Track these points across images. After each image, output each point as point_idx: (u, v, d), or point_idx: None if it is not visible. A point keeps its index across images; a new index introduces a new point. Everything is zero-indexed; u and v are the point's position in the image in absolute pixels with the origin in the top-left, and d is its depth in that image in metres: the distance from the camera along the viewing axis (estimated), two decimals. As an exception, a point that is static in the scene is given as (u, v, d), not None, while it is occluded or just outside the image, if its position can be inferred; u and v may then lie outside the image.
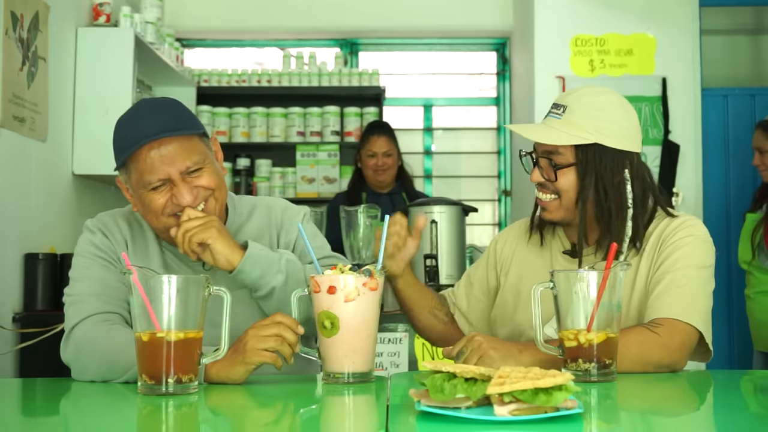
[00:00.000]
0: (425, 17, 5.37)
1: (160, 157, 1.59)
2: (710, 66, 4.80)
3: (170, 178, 1.60)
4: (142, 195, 1.63)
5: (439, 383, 1.09)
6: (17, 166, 3.30)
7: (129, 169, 1.63)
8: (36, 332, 3.06)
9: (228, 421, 1.22)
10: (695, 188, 4.49)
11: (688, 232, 1.70)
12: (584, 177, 1.68)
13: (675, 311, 1.60)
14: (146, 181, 1.60)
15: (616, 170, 1.68)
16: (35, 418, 1.33)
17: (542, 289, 1.46)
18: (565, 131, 1.68)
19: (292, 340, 1.45)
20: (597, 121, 1.68)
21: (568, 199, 1.70)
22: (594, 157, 1.67)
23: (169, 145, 1.60)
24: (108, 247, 1.71)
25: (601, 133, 1.67)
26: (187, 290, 1.36)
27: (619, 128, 1.70)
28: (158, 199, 1.61)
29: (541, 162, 1.72)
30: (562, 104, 1.71)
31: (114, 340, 1.56)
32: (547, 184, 1.71)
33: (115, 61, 3.86)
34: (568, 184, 1.69)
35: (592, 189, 1.68)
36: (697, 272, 1.66)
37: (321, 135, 5.19)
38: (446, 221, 3.25)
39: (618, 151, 1.69)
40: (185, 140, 1.62)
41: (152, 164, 1.59)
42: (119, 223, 1.75)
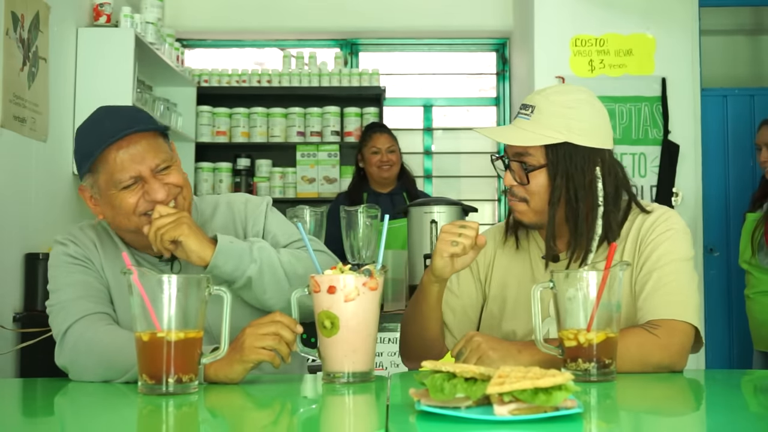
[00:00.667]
0: (425, 17, 5.38)
1: (130, 156, 1.60)
2: (710, 66, 4.80)
3: (141, 175, 1.61)
4: (112, 196, 1.62)
5: (439, 383, 1.09)
6: (18, 166, 3.30)
7: (97, 171, 1.62)
8: (36, 332, 3.06)
9: (228, 421, 1.22)
10: (695, 188, 4.49)
11: (666, 226, 1.68)
12: (555, 178, 1.65)
13: (670, 311, 1.59)
14: (117, 181, 1.60)
15: (587, 169, 1.65)
16: (35, 418, 1.33)
17: (542, 289, 1.46)
18: (534, 131, 1.65)
19: (290, 339, 1.45)
20: (566, 119, 1.65)
21: (539, 201, 1.67)
22: (565, 157, 1.64)
23: (137, 143, 1.61)
24: (81, 254, 1.71)
25: (571, 131, 1.64)
26: (188, 290, 1.36)
27: (589, 126, 1.67)
28: (129, 199, 1.61)
29: (513, 165, 1.69)
30: (531, 104, 1.68)
31: (112, 340, 1.56)
32: (518, 187, 1.68)
33: (116, 61, 3.86)
34: (540, 186, 1.66)
35: (564, 190, 1.65)
36: (682, 266, 1.65)
37: (321, 135, 5.19)
38: (446, 221, 3.24)
39: (589, 149, 1.65)
40: (152, 138, 1.64)
41: (122, 163, 1.59)
42: (87, 232, 1.76)
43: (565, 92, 1.71)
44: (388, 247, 3.24)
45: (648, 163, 4.46)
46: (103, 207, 1.67)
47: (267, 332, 1.45)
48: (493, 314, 1.81)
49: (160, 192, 1.61)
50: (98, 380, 1.55)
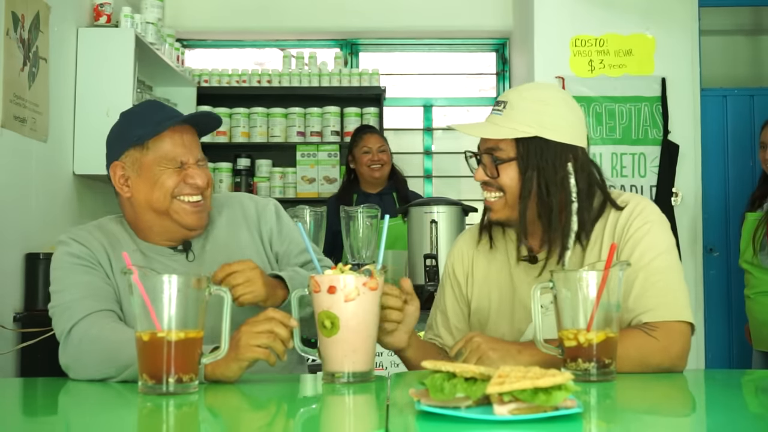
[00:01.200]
0: (425, 17, 5.38)
1: (183, 142, 1.74)
2: (709, 66, 4.80)
3: (187, 162, 1.74)
4: (155, 174, 1.72)
5: (439, 383, 1.10)
6: (18, 166, 3.30)
7: (146, 148, 1.73)
8: (36, 332, 3.06)
9: (228, 421, 1.22)
10: (694, 188, 4.49)
11: (642, 219, 1.65)
12: (526, 171, 1.64)
13: (665, 312, 1.58)
14: (167, 160, 1.72)
15: (558, 164, 1.64)
16: (35, 417, 1.33)
17: (542, 289, 1.46)
18: (506, 126, 1.65)
19: (284, 336, 1.46)
20: (538, 114, 1.65)
21: (512, 195, 1.66)
22: (535, 151, 1.64)
23: (190, 134, 1.77)
24: (86, 254, 1.73)
25: (543, 126, 1.64)
26: (188, 290, 1.36)
27: (562, 122, 1.66)
28: (170, 180, 1.72)
29: (484, 159, 1.69)
30: (503, 100, 1.69)
31: (116, 336, 1.57)
32: (490, 182, 1.68)
33: (116, 61, 3.86)
34: (511, 180, 1.66)
35: (535, 183, 1.64)
36: (666, 259, 1.63)
37: (321, 135, 5.19)
38: (446, 221, 3.25)
39: (560, 145, 1.65)
40: (195, 135, 1.79)
41: (176, 146, 1.73)
42: (93, 232, 1.79)
43: (538, 88, 1.72)
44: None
45: (648, 163, 4.46)
46: (137, 185, 1.75)
47: (262, 330, 1.45)
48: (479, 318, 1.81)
49: (201, 178, 1.74)
50: (99, 377, 1.55)
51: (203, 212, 1.77)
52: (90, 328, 1.60)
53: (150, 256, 1.77)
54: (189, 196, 1.73)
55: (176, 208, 1.73)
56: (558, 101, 1.68)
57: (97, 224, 1.83)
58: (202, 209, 1.77)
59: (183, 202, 1.73)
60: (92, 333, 1.60)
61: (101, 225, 1.82)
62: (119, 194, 1.78)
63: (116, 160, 1.76)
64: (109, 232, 1.80)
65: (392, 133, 5.62)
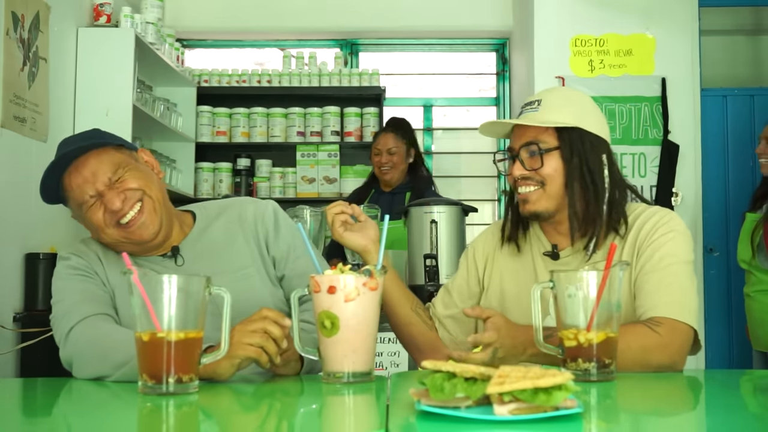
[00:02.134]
0: (425, 17, 5.38)
1: (82, 178, 1.67)
2: (709, 66, 4.80)
3: (99, 192, 1.67)
4: (83, 219, 1.71)
5: (439, 383, 1.09)
6: (18, 166, 3.30)
7: (66, 200, 1.72)
8: (36, 332, 3.07)
9: (228, 421, 1.22)
10: (695, 188, 4.49)
11: (668, 227, 1.69)
12: (571, 158, 1.69)
13: (672, 310, 1.60)
14: (81, 202, 1.68)
15: (596, 154, 1.70)
16: (35, 417, 1.33)
17: (542, 289, 1.46)
18: (546, 118, 1.70)
19: (277, 335, 1.45)
20: (574, 107, 1.72)
21: (554, 185, 1.70)
22: (577, 140, 1.69)
23: (85, 166, 1.68)
24: (84, 265, 1.74)
25: (580, 118, 1.71)
26: (188, 290, 1.36)
27: (595, 116, 1.74)
28: (95, 216, 1.68)
29: (522, 154, 1.72)
30: (536, 99, 1.75)
31: (110, 335, 1.58)
32: (530, 175, 1.71)
33: (116, 61, 3.87)
34: (554, 170, 1.70)
35: (578, 171, 1.69)
36: (683, 268, 1.67)
37: (321, 135, 5.19)
38: (446, 221, 3.25)
39: (596, 137, 1.72)
40: (99, 155, 1.69)
41: (78, 187, 1.67)
42: (90, 244, 1.79)
43: (566, 89, 1.83)
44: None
45: (648, 163, 4.46)
46: (88, 227, 1.74)
47: (254, 329, 1.45)
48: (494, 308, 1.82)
49: (116, 201, 1.66)
50: (95, 375, 1.56)
51: (147, 219, 1.70)
52: (86, 330, 1.61)
53: (141, 264, 1.75)
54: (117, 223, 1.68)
55: (119, 236, 1.70)
56: (588, 100, 1.77)
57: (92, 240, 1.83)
58: (144, 218, 1.70)
59: (120, 226, 1.68)
60: (88, 334, 1.61)
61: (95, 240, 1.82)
62: None
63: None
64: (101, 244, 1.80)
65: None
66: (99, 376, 1.56)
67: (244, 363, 1.46)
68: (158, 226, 1.73)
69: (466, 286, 1.89)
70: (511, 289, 1.81)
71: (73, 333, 1.62)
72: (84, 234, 1.83)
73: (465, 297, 1.89)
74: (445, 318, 1.88)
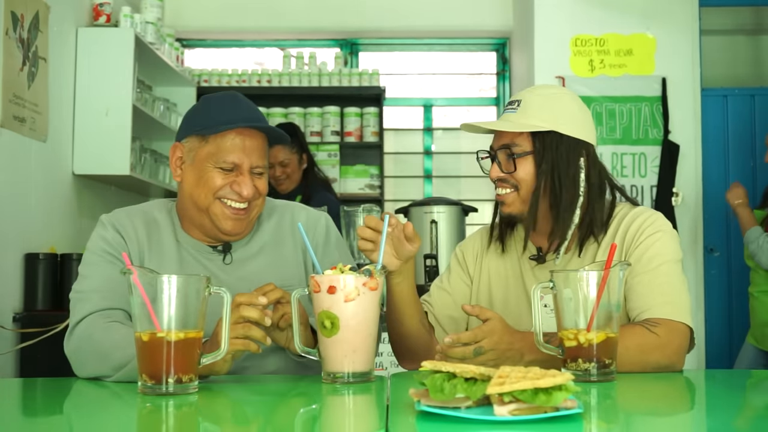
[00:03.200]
0: (425, 17, 5.38)
1: (243, 145, 1.68)
2: (710, 66, 4.80)
3: (240, 166, 1.68)
4: (204, 169, 1.68)
5: (439, 383, 1.09)
6: (17, 166, 3.30)
7: (206, 141, 1.69)
8: (36, 332, 3.06)
9: (228, 421, 1.22)
10: (695, 188, 4.49)
11: (655, 227, 1.69)
12: (541, 164, 1.68)
13: (668, 311, 1.60)
14: (220, 159, 1.67)
15: (572, 158, 1.69)
16: (35, 417, 1.33)
17: (542, 289, 1.46)
18: (522, 122, 1.70)
19: (256, 316, 1.46)
20: (552, 110, 1.70)
21: (526, 189, 1.70)
22: (551, 145, 1.69)
23: (255, 139, 1.70)
24: (118, 243, 1.72)
25: (557, 121, 1.69)
26: (188, 290, 1.36)
27: (575, 118, 1.72)
28: (217, 180, 1.68)
29: (499, 156, 1.73)
30: (517, 99, 1.74)
31: (109, 337, 1.57)
32: (506, 177, 1.72)
33: (116, 61, 3.86)
34: (527, 174, 1.70)
35: (548, 177, 1.68)
36: (673, 267, 1.67)
37: (321, 135, 5.19)
38: (446, 221, 3.25)
39: (574, 140, 1.70)
40: (264, 142, 1.73)
41: (234, 147, 1.67)
42: (135, 222, 1.76)
43: (550, 88, 1.79)
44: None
45: (648, 163, 4.46)
46: (188, 173, 1.71)
47: (233, 321, 1.45)
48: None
49: (247, 188, 1.68)
50: (94, 375, 1.56)
51: (244, 221, 1.71)
52: (87, 328, 1.61)
53: (185, 250, 1.75)
54: (233, 201, 1.69)
55: (216, 210, 1.69)
56: (570, 99, 1.74)
57: (142, 208, 1.81)
58: (244, 218, 1.71)
59: (225, 205, 1.69)
60: (88, 333, 1.60)
61: (146, 210, 1.80)
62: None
63: (178, 142, 1.74)
64: (151, 219, 1.77)
65: (392, 133, 5.63)
66: (98, 376, 1.56)
67: (237, 355, 1.47)
68: (248, 230, 1.75)
69: (465, 286, 1.88)
70: (498, 294, 1.82)
71: (78, 328, 1.62)
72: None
73: (466, 298, 1.87)
74: (444, 317, 1.86)
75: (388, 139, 5.47)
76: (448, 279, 1.90)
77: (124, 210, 1.80)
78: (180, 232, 1.77)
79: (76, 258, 3.40)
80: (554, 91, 1.75)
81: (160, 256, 1.72)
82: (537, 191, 1.69)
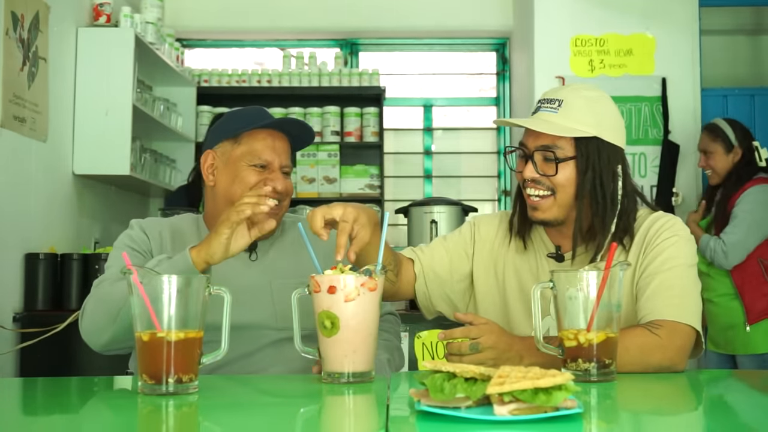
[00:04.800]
0: (425, 17, 5.37)
1: (273, 145, 1.85)
2: (710, 66, 4.80)
3: (272, 165, 1.83)
4: (239, 168, 1.82)
5: (439, 383, 1.09)
6: (18, 166, 3.30)
7: (238, 142, 1.84)
8: (36, 332, 3.06)
9: (228, 421, 1.22)
10: (695, 188, 4.49)
11: (672, 232, 1.69)
12: (585, 171, 1.65)
13: (673, 312, 1.59)
14: (254, 157, 1.82)
15: (612, 166, 1.67)
16: (35, 417, 1.33)
17: (542, 289, 1.45)
18: (565, 124, 1.66)
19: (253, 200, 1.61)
20: (595, 114, 1.67)
21: (564, 195, 1.67)
22: (594, 151, 1.65)
23: (283, 140, 1.88)
24: (143, 241, 1.82)
25: (601, 126, 1.66)
26: (188, 290, 1.36)
27: (615, 123, 1.70)
28: (252, 177, 1.81)
29: (536, 157, 1.67)
30: (557, 98, 1.69)
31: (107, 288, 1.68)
32: (541, 180, 1.67)
33: (116, 61, 3.86)
34: (566, 179, 1.66)
35: (590, 184, 1.66)
36: (686, 271, 1.66)
37: (321, 135, 5.19)
38: (446, 221, 3.25)
39: (614, 147, 1.68)
40: (289, 146, 1.90)
41: (265, 147, 1.83)
42: (162, 226, 1.87)
43: (590, 89, 1.74)
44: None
45: (648, 163, 4.46)
46: (222, 176, 1.85)
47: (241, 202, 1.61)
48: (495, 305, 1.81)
49: (281, 183, 1.82)
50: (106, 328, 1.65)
51: (277, 217, 1.81)
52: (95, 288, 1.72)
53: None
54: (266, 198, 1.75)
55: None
56: (611, 104, 1.72)
57: (171, 220, 1.93)
58: (276, 215, 1.80)
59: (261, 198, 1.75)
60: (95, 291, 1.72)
61: (174, 222, 1.91)
62: (206, 185, 1.89)
63: (210, 149, 1.87)
64: (177, 227, 1.88)
65: (392, 133, 5.63)
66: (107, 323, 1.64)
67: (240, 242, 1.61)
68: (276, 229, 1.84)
69: (464, 256, 1.84)
70: (512, 285, 1.80)
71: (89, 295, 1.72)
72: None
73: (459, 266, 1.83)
74: (431, 273, 1.82)
75: (388, 139, 5.47)
76: (453, 240, 1.86)
77: (155, 218, 1.93)
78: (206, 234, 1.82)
79: (76, 258, 3.40)
80: (596, 94, 1.71)
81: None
82: (580, 198, 1.66)
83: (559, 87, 1.74)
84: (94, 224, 3.96)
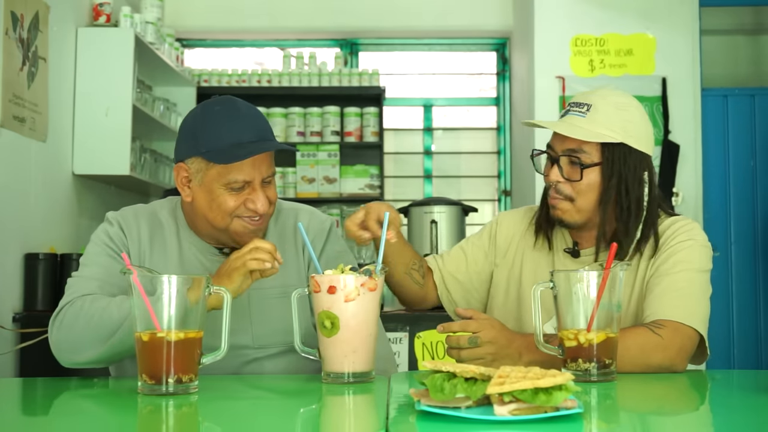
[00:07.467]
0: (425, 17, 5.37)
1: (252, 162, 1.61)
2: (710, 66, 4.80)
3: (252, 182, 1.63)
4: (215, 191, 1.62)
5: (439, 383, 1.09)
6: (17, 166, 3.30)
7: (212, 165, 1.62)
8: (36, 332, 3.06)
9: (228, 421, 1.22)
10: (695, 188, 4.49)
11: (688, 236, 1.69)
12: (610, 177, 1.66)
13: (677, 313, 1.59)
14: (230, 180, 1.61)
15: (638, 172, 1.67)
16: (35, 417, 1.33)
17: (542, 289, 1.45)
18: (592, 129, 1.66)
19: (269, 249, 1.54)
20: (623, 121, 1.67)
21: (585, 200, 1.68)
22: (620, 157, 1.66)
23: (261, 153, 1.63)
24: (120, 240, 1.72)
25: (627, 133, 1.67)
26: (188, 290, 1.35)
27: (642, 130, 1.70)
28: (231, 201, 1.63)
29: (562, 161, 1.69)
30: (586, 103, 1.70)
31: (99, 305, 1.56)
32: (560, 188, 1.69)
33: (115, 61, 3.86)
34: (590, 185, 1.67)
35: (615, 191, 1.67)
36: (697, 276, 1.67)
37: (321, 135, 5.19)
38: (446, 221, 3.25)
39: (640, 154, 1.68)
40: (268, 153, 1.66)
41: (242, 166, 1.60)
42: (140, 221, 1.75)
43: (618, 95, 1.73)
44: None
45: (648, 163, 4.46)
46: (197, 193, 1.65)
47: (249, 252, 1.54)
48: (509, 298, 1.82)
49: (261, 203, 1.63)
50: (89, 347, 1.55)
51: (261, 229, 1.70)
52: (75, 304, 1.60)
53: (189, 251, 1.74)
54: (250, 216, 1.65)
55: (236, 228, 1.65)
56: (638, 109, 1.71)
57: (150, 208, 1.78)
58: (262, 227, 1.69)
59: (242, 219, 1.65)
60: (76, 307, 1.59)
61: (152, 211, 1.77)
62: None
63: (182, 162, 1.66)
64: (156, 220, 1.76)
65: (392, 133, 5.63)
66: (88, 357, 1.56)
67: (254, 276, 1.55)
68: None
69: (482, 257, 1.87)
70: (529, 281, 1.80)
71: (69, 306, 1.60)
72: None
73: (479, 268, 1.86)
74: (451, 279, 1.86)
75: (388, 139, 5.47)
76: (472, 244, 1.89)
77: (132, 208, 1.78)
78: (184, 232, 1.75)
79: (76, 258, 3.40)
80: (625, 101, 1.71)
81: (164, 255, 1.72)
82: (604, 203, 1.67)
83: (590, 91, 1.75)
84: (93, 224, 3.96)
